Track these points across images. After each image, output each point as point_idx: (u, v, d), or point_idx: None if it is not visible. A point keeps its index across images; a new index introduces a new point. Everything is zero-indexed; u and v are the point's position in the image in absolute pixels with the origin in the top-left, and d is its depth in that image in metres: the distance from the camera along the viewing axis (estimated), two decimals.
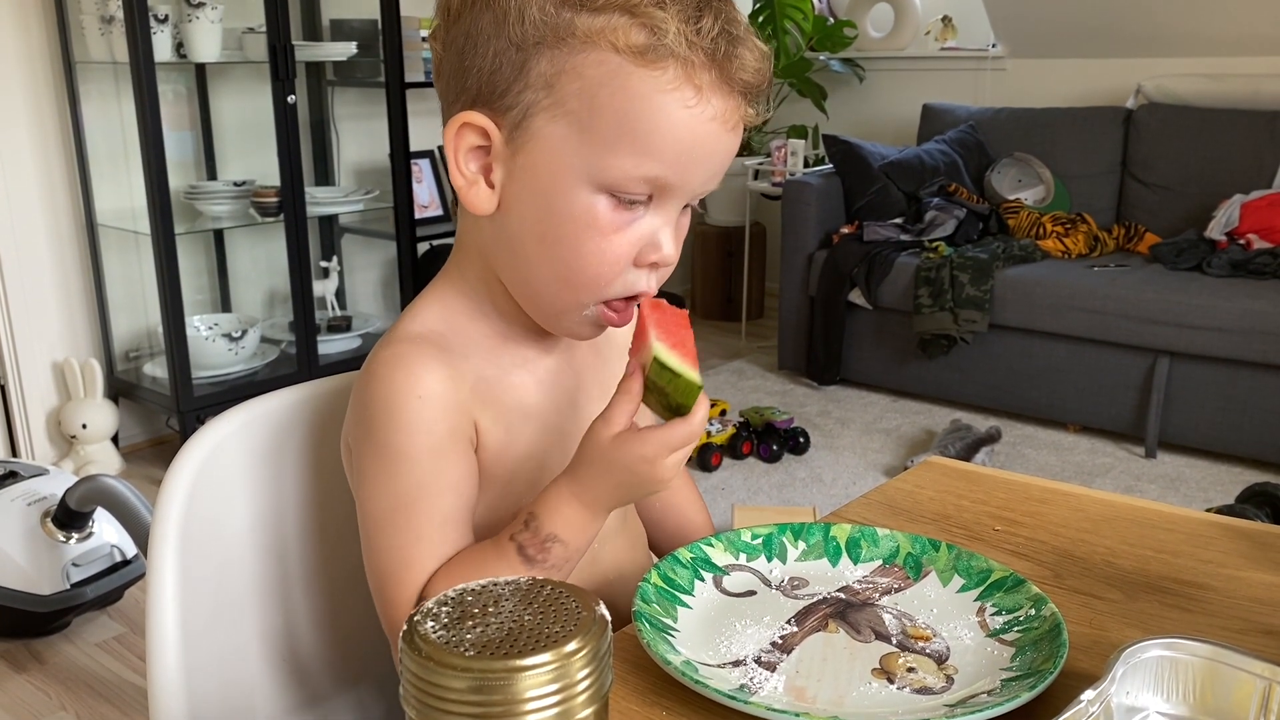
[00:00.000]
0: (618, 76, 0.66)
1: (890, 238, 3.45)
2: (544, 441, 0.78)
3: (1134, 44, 3.68)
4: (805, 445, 3.01)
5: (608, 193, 0.69)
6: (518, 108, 0.69)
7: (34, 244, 2.83)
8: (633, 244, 0.71)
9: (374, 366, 0.74)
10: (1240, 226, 3.17)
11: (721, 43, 0.67)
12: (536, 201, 0.71)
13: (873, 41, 4.30)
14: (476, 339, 0.77)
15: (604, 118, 0.67)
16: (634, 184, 0.69)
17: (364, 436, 0.74)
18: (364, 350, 3.22)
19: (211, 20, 2.78)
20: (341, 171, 3.44)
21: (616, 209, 0.69)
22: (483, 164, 0.72)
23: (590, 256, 0.70)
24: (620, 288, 0.72)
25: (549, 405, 0.79)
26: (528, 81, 0.68)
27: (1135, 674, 0.61)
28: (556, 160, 0.69)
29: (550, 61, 0.67)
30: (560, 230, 0.70)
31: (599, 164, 0.68)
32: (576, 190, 0.69)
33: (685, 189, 0.70)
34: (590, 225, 0.70)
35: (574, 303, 0.73)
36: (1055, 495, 0.94)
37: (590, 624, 0.43)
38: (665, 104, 0.66)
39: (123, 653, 2.07)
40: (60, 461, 2.86)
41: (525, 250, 0.73)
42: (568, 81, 0.67)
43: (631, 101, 0.66)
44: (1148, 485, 2.80)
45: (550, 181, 0.70)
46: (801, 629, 0.71)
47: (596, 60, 0.66)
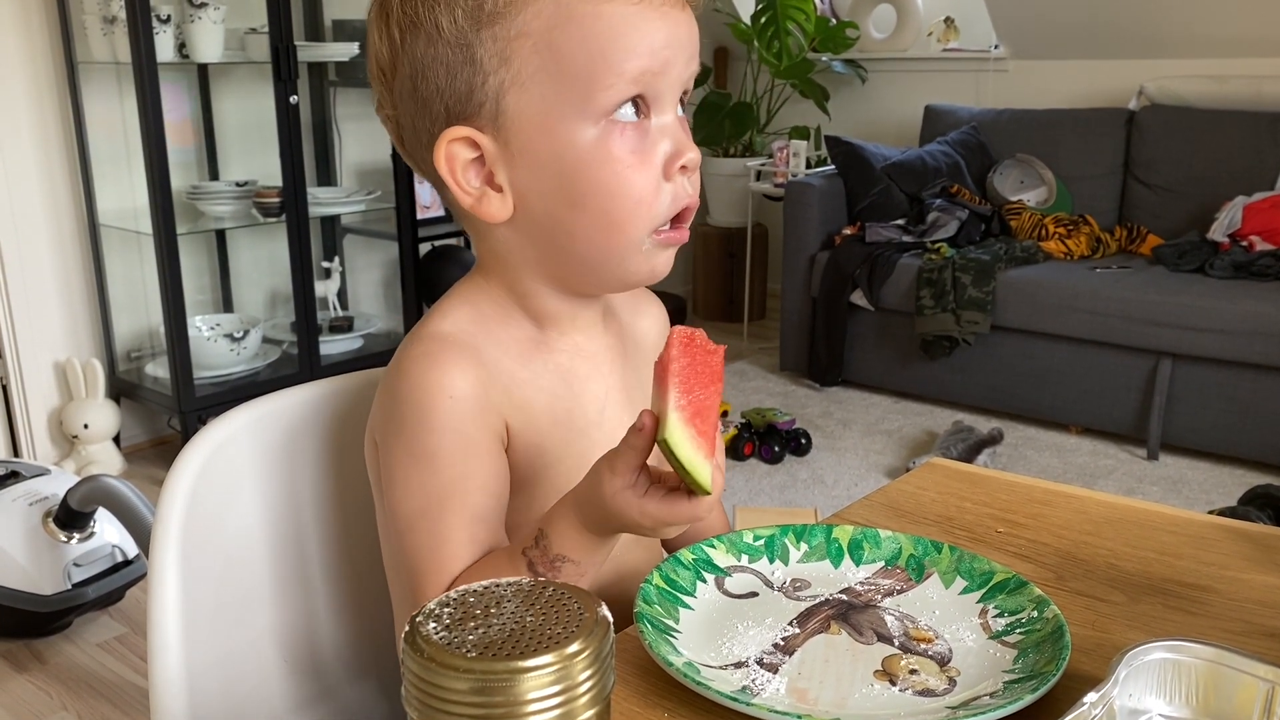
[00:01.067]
0: (559, 12, 0.68)
1: (892, 239, 3.45)
2: (574, 446, 0.78)
3: (1136, 45, 3.68)
4: (807, 446, 3.01)
5: (607, 119, 0.69)
6: (488, 100, 0.70)
7: (36, 244, 2.83)
8: (654, 160, 0.71)
9: (404, 363, 0.74)
10: (1243, 228, 3.16)
11: None
12: (549, 172, 0.71)
13: (875, 43, 4.30)
14: (506, 341, 0.77)
15: (567, 55, 0.68)
16: (623, 94, 0.69)
17: (393, 434, 0.73)
18: (366, 350, 3.23)
19: (214, 21, 2.79)
20: (343, 172, 3.44)
21: (622, 134, 0.70)
22: (481, 174, 0.72)
23: (623, 190, 0.71)
24: (664, 207, 0.72)
25: (577, 409, 0.79)
26: (483, 69, 0.69)
27: (1138, 676, 0.61)
28: (545, 119, 0.69)
29: (493, 38, 0.68)
30: (585, 183, 0.70)
31: (584, 97, 0.69)
32: (578, 133, 0.69)
33: (671, 80, 0.71)
34: (608, 160, 0.70)
35: (628, 243, 0.73)
36: (1058, 497, 0.94)
37: (592, 625, 0.43)
38: (614, 14, 0.68)
39: (124, 653, 2.07)
40: (62, 461, 2.86)
41: (562, 226, 0.72)
42: (518, 45, 0.68)
43: (587, 26, 0.68)
44: (1150, 487, 2.80)
45: (551, 142, 0.70)
46: (803, 631, 0.71)
47: (535, 11, 0.68)
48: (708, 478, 0.63)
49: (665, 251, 0.75)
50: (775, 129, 4.42)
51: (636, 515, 0.66)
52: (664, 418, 0.62)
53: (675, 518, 0.66)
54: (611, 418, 0.81)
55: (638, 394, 0.84)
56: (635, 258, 0.74)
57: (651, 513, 0.66)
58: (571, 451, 0.78)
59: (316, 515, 0.89)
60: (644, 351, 0.87)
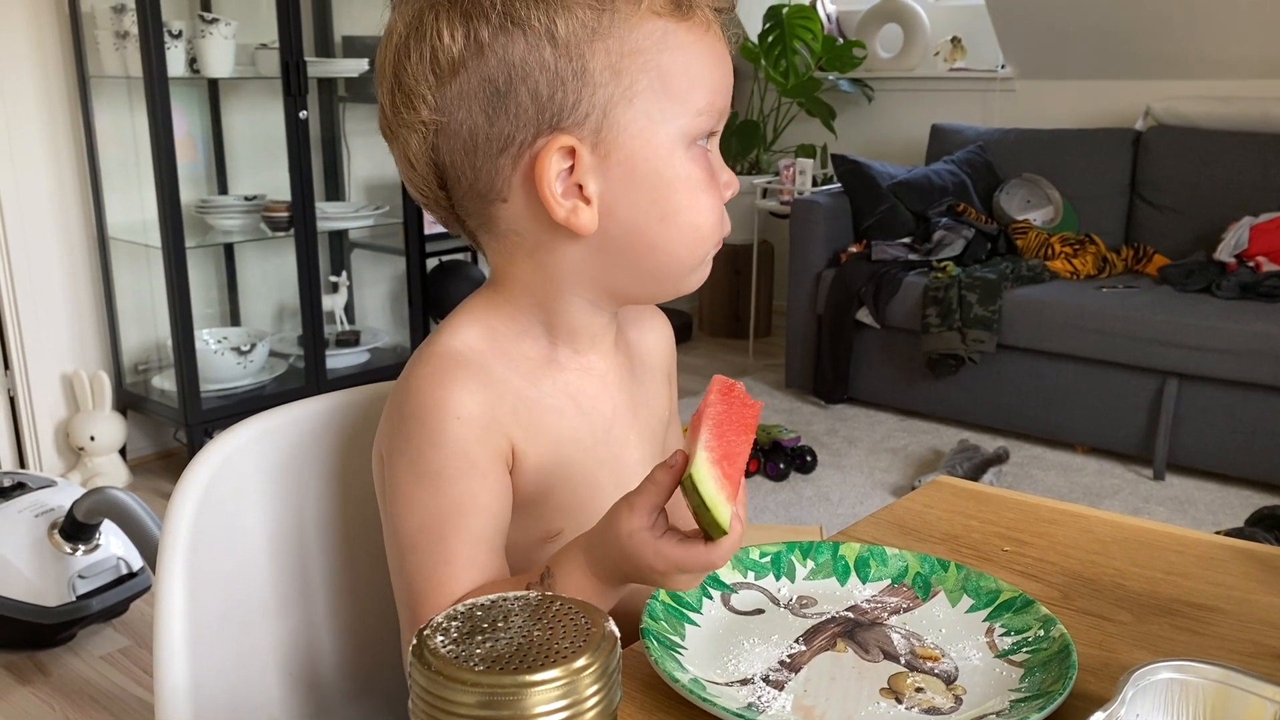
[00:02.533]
0: (669, 36, 0.71)
1: (898, 257, 3.45)
2: (580, 466, 0.78)
3: (1143, 66, 3.69)
4: (812, 464, 3.01)
5: (694, 143, 0.73)
6: (595, 110, 0.69)
7: (45, 256, 2.84)
8: (719, 181, 0.75)
9: (413, 380, 0.74)
10: (1250, 249, 3.16)
11: None
12: (645, 185, 0.72)
13: (882, 62, 4.31)
14: (517, 360, 0.77)
15: (674, 77, 0.71)
16: (716, 121, 0.74)
17: (399, 450, 0.73)
18: (373, 365, 3.23)
19: (225, 36, 2.81)
20: (352, 187, 3.46)
21: (704, 156, 0.74)
22: (567, 186, 0.71)
23: (708, 206, 0.74)
24: (724, 226, 0.77)
25: (585, 430, 0.79)
26: (594, 81, 0.69)
27: (1145, 696, 0.60)
28: (650, 136, 0.71)
29: (606, 52, 0.69)
30: (678, 198, 0.73)
31: (687, 119, 0.72)
32: (677, 153, 0.72)
33: (726, 110, 0.76)
34: (697, 179, 0.73)
35: (702, 255, 0.76)
36: (1064, 516, 0.94)
37: (599, 640, 0.43)
38: (705, 46, 0.73)
39: (128, 665, 2.07)
40: (68, 473, 2.86)
41: (648, 237, 0.73)
42: (631, 61, 0.70)
43: (688, 53, 0.71)
44: (1156, 507, 2.79)
45: (653, 159, 0.72)
46: (810, 648, 0.71)
47: (647, 31, 0.70)
48: (727, 517, 0.62)
49: (709, 265, 0.79)
50: (782, 147, 4.44)
51: (650, 557, 0.65)
52: (692, 456, 0.62)
53: (691, 562, 0.65)
54: (618, 437, 0.81)
55: (644, 412, 0.84)
56: (701, 269, 0.78)
57: (666, 554, 0.65)
58: (577, 470, 0.78)
59: (323, 529, 0.89)
60: (649, 368, 0.87)
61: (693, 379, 3.91)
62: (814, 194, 3.69)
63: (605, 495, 0.79)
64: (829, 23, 4.42)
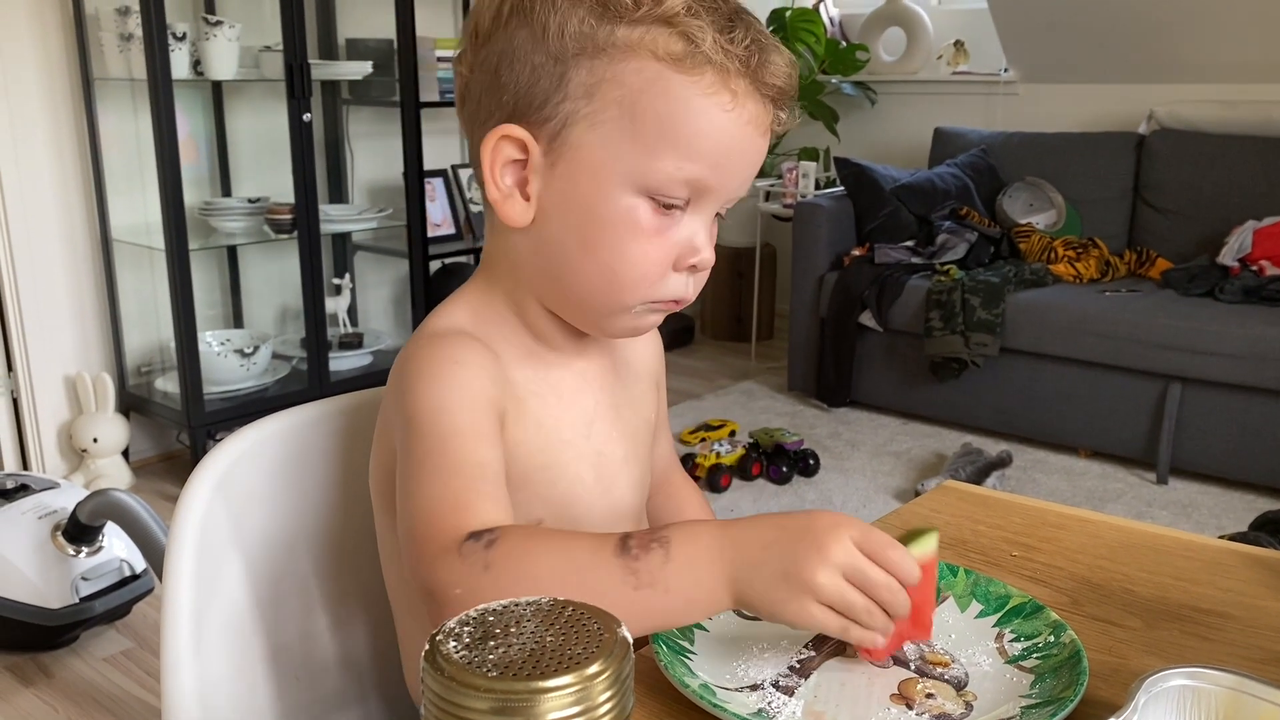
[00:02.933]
0: (658, 82, 0.68)
1: (901, 260, 3.45)
2: (560, 455, 0.78)
3: (1146, 69, 3.69)
4: (815, 467, 3.01)
5: (648, 196, 0.71)
6: (556, 118, 0.70)
7: (49, 258, 2.84)
8: (672, 247, 0.73)
9: (409, 355, 0.75)
10: (1253, 253, 3.16)
11: (755, 50, 0.70)
12: (577, 209, 0.72)
13: (885, 65, 4.31)
14: (501, 346, 0.78)
15: (646, 122, 0.69)
16: (675, 186, 0.70)
17: (402, 412, 0.72)
18: (376, 367, 3.23)
19: (229, 38, 2.81)
20: (355, 189, 3.46)
21: (656, 213, 0.71)
22: (518, 178, 0.73)
23: (633, 259, 0.72)
24: (662, 291, 0.74)
25: (566, 421, 0.79)
26: (567, 92, 0.70)
27: (1157, 703, 0.60)
28: (598, 166, 0.70)
29: (589, 71, 0.69)
30: (602, 235, 0.72)
31: (642, 167, 0.70)
32: (618, 194, 0.71)
33: (722, 192, 0.73)
34: (632, 228, 0.71)
35: (619, 305, 0.74)
36: (1072, 521, 0.94)
37: (612, 646, 0.42)
38: (705, 107, 0.69)
39: (130, 668, 2.07)
40: (71, 475, 2.86)
41: (567, 258, 0.73)
42: (608, 89, 0.69)
43: (673, 105, 0.68)
44: (1159, 511, 2.78)
45: (592, 188, 0.71)
46: (819, 653, 0.71)
47: (636, 68, 0.68)
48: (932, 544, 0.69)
49: (653, 315, 0.77)
50: (784, 150, 4.44)
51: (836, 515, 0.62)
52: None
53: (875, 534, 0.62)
54: (600, 433, 0.81)
55: (628, 412, 0.85)
56: (623, 316, 0.75)
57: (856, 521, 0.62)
58: (556, 461, 0.78)
59: (328, 532, 0.89)
60: (635, 371, 0.87)
61: (695, 382, 3.91)
62: (817, 197, 3.69)
63: (587, 489, 0.79)
64: (832, 26, 4.42)
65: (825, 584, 0.61)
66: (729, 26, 0.69)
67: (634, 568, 0.62)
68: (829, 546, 0.61)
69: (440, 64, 3.30)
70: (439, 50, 3.30)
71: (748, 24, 0.70)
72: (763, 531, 0.63)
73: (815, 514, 0.63)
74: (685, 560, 0.62)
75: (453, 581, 0.63)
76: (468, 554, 0.63)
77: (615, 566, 0.62)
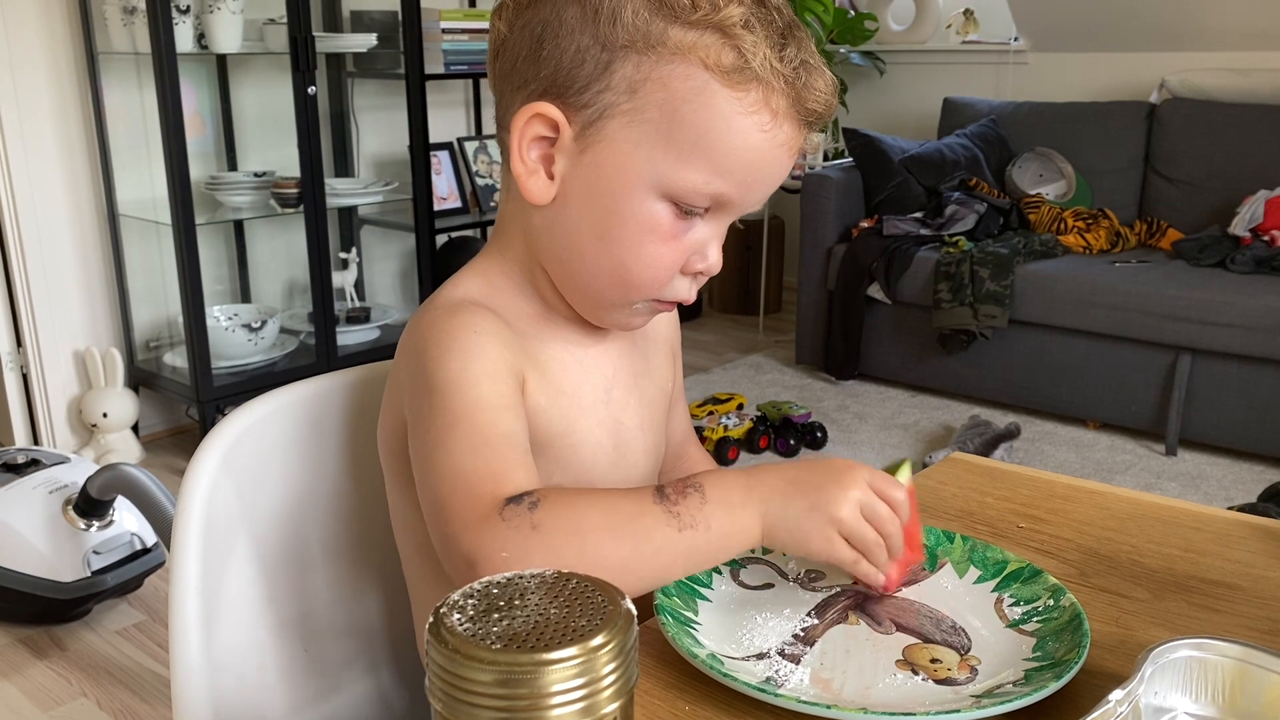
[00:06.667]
0: (703, 93, 0.67)
1: (910, 232, 3.44)
2: (580, 421, 0.78)
3: (1158, 38, 3.65)
4: (823, 440, 3.01)
5: (672, 201, 0.70)
6: (594, 107, 0.69)
7: (56, 234, 2.84)
8: (684, 252, 0.73)
9: (419, 327, 0.74)
10: (1264, 223, 3.13)
11: (802, 72, 0.69)
12: (599, 200, 0.71)
13: (893, 35, 4.27)
14: (516, 313, 0.77)
15: (684, 130, 0.68)
16: (700, 198, 0.70)
17: (418, 381, 0.71)
18: (383, 341, 3.24)
19: (233, 11, 2.79)
20: (361, 163, 3.45)
21: (676, 217, 0.71)
22: (544, 154, 0.72)
23: (647, 260, 0.72)
24: (666, 292, 0.75)
25: (584, 387, 0.79)
26: (610, 83, 0.69)
27: (1164, 674, 0.60)
28: (627, 163, 0.70)
29: (636, 67, 0.68)
30: (620, 231, 0.71)
31: (671, 174, 0.69)
32: (643, 195, 0.70)
33: (742, 206, 0.73)
34: (652, 230, 0.71)
35: (623, 300, 0.75)
36: (1079, 493, 0.93)
37: (616, 618, 0.42)
38: (745, 126, 0.68)
39: (143, 640, 2.09)
40: (81, 450, 2.88)
41: (580, 245, 0.73)
42: (652, 89, 0.68)
43: (714, 119, 0.68)
44: (1168, 483, 2.78)
45: (618, 182, 0.70)
46: (822, 621, 0.71)
47: (684, 74, 0.67)
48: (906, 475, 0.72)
49: (649, 315, 0.78)
50: None
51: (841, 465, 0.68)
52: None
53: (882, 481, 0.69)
54: (619, 399, 0.81)
55: (644, 380, 0.85)
56: (621, 310, 0.76)
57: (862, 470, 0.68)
58: (577, 426, 0.78)
59: (335, 505, 0.89)
60: (651, 341, 0.87)
61: (703, 355, 3.91)
62: (825, 169, 3.67)
63: (605, 455, 0.79)
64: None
65: (847, 517, 0.67)
66: (781, 44, 0.68)
67: (675, 511, 0.66)
68: (850, 485, 0.67)
69: (445, 36, 3.28)
70: (444, 22, 3.28)
71: (800, 42, 0.69)
72: (786, 471, 0.69)
73: (830, 460, 0.70)
74: (720, 500, 0.66)
75: (499, 546, 0.63)
76: (511, 517, 0.63)
77: (659, 513, 0.65)
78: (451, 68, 3.30)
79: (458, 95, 3.74)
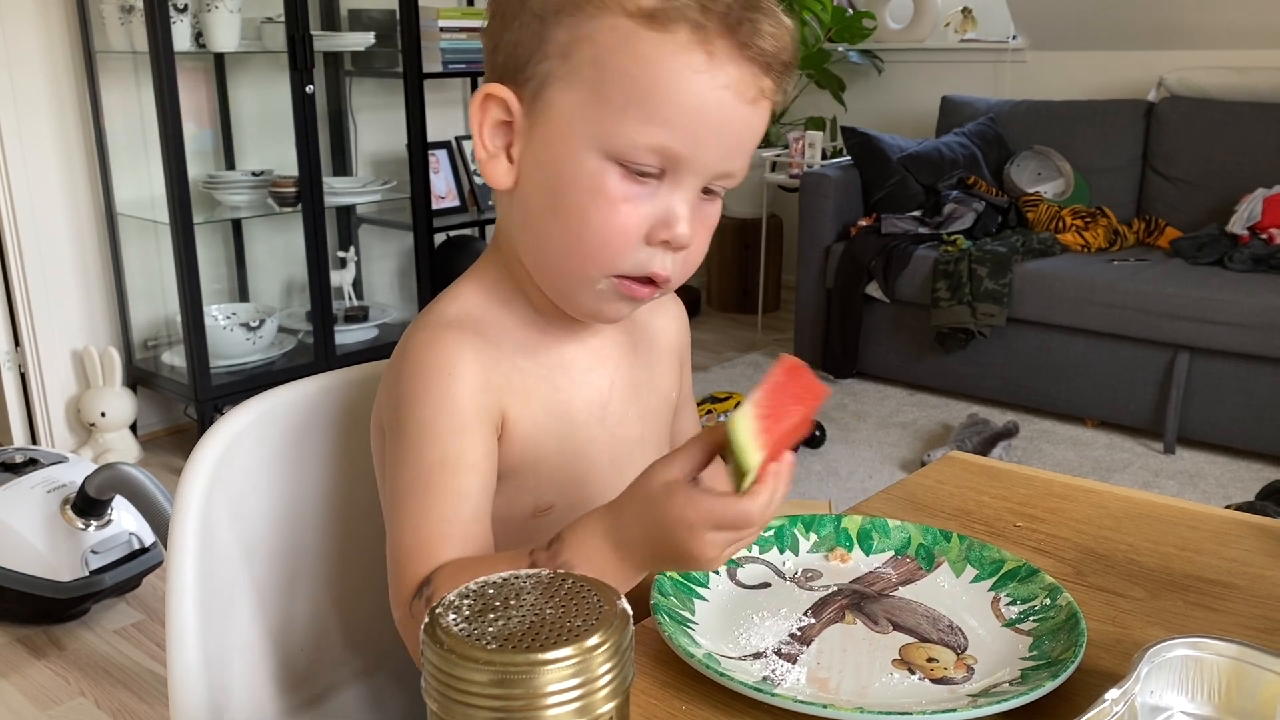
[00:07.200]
0: (628, 41, 0.65)
1: (908, 230, 3.43)
2: (572, 439, 0.78)
3: (1156, 36, 3.65)
4: (821, 438, 3.01)
5: (617, 161, 0.67)
6: (536, 79, 0.69)
7: (54, 233, 2.84)
8: (644, 218, 0.69)
9: (408, 347, 0.74)
10: (1262, 221, 3.14)
11: (737, 8, 0.65)
12: (548, 172, 0.70)
13: (891, 33, 4.27)
14: (511, 328, 0.77)
15: (613, 83, 0.66)
16: (641, 153, 0.67)
17: (394, 415, 0.73)
18: (381, 340, 3.23)
19: (230, 10, 2.79)
20: (359, 162, 3.45)
21: (626, 179, 0.68)
22: (506, 140, 0.72)
23: (596, 225, 0.69)
24: (632, 264, 0.70)
25: (579, 401, 0.78)
26: (546, 51, 0.68)
27: (1160, 673, 0.60)
28: (567, 128, 0.68)
29: (567, 30, 0.67)
30: (569, 199, 0.69)
31: (607, 130, 0.67)
32: (585, 158, 0.68)
33: (698, 163, 0.68)
34: (598, 193, 0.68)
35: (583, 275, 0.71)
36: (1077, 491, 0.93)
37: (612, 618, 0.42)
38: (673, 68, 0.65)
39: (141, 639, 2.09)
40: (79, 449, 2.88)
41: (539, 223, 0.72)
42: (582, 48, 0.67)
43: (640, 66, 0.65)
44: (1166, 481, 2.78)
45: (561, 149, 0.69)
46: (819, 621, 0.71)
47: (609, 25, 0.66)
48: (755, 462, 0.59)
49: (621, 300, 0.72)
50: (791, 120, 4.40)
51: (682, 505, 0.60)
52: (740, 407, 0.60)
53: (724, 512, 0.60)
54: (615, 413, 0.80)
55: (645, 391, 0.83)
56: (586, 291, 0.72)
57: (699, 503, 0.60)
58: (567, 445, 0.77)
59: (334, 503, 0.89)
60: (657, 349, 0.86)
61: (702, 354, 3.91)
62: (823, 167, 3.67)
63: (599, 472, 0.78)
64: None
65: (716, 556, 0.62)
66: None
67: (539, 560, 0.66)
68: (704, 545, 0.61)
69: (443, 34, 3.28)
70: (441, 20, 3.27)
71: None
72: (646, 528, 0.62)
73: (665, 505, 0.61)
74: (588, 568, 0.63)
75: (409, 636, 0.69)
76: (415, 611, 0.68)
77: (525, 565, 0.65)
78: (450, 66, 3.30)
79: (456, 94, 3.74)
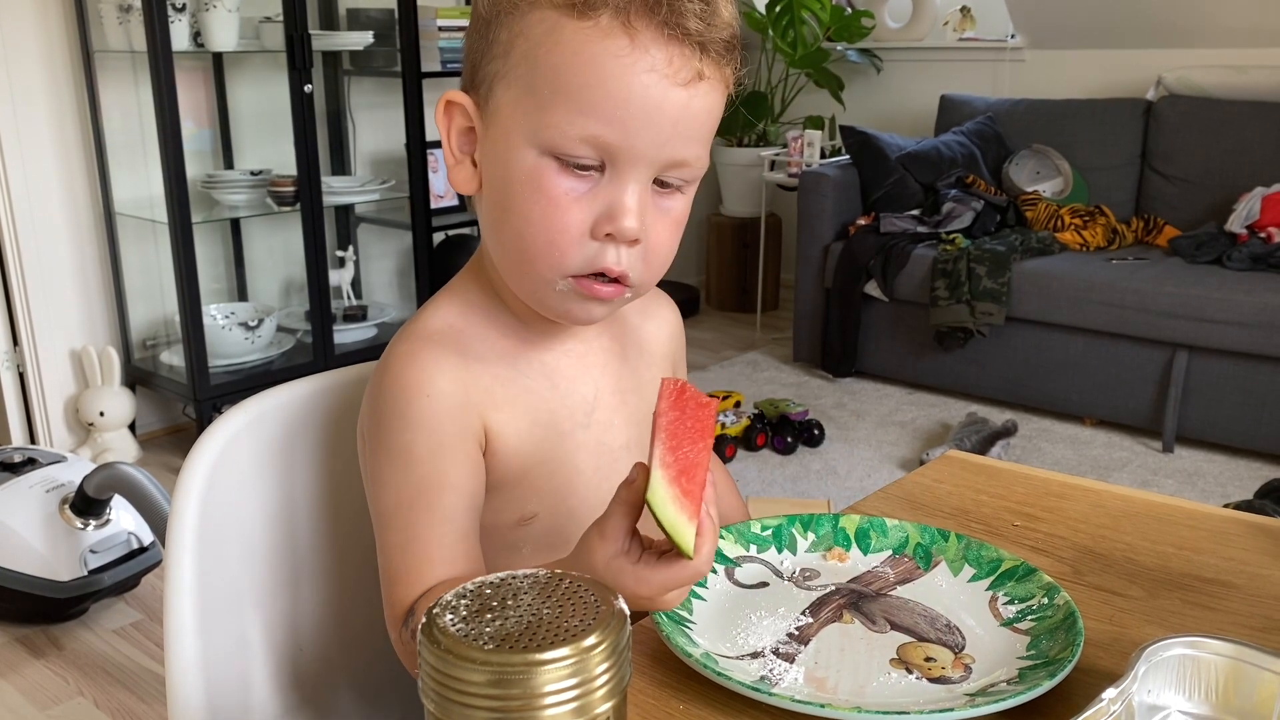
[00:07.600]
0: (554, 31, 0.65)
1: (907, 229, 3.43)
2: (556, 448, 0.77)
3: (1155, 35, 3.65)
4: (820, 437, 3.01)
5: (553, 155, 0.67)
6: (486, 81, 0.70)
7: (53, 232, 2.84)
8: (586, 213, 0.67)
9: (389, 361, 0.74)
10: (1261, 220, 3.14)
11: None
12: (498, 172, 0.70)
13: (890, 32, 4.27)
14: (493, 338, 0.76)
15: (542, 75, 0.66)
16: (574, 144, 0.66)
17: (375, 432, 0.74)
18: (380, 340, 3.23)
19: (229, 9, 2.79)
20: (358, 161, 3.45)
21: (564, 173, 0.67)
22: (472, 146, 0.73)
23: (537, 223, 0.68)
24: (581, 262, 0.68)
25: (563, 412, 0.78)
26: (492, 53, 0.69)
27: (1157, 672, 0.60)
28: (508, 125, 0.68)
29: (506, 28, 0.68)
30: (512, 198, 0.69)
31: (539, 124, 0.66)
32: (524, 154, 0.67)
33: (635, 152, 0.66)
34: (536, 189, 0.67)
35: (539, 276, 0.70)
36: (1075, 491, 0.94)
37: (609, 618, 0.42)
38: (596, 55, 0.64)
39: (140, 639, 2.09)
40: (78, 449, 2.88)
41: (499, 226, 0.72)
42: (518, 44, 0.67)
43: (565, 55, 0.65)
44: (1165, 480, 2.78)
45: (504, 147, 0.69)
46: (817, 620, 0.71)
47: (538, 19, 0.66)
48: (689, 541, 0.59)
49: (587, 301, 0.71)
50: (789, 119, 4.40)
51: (633, 584, 0.62)
52: (650, 477, 0.60)
53: (674, 580, 0.62)
54: (601, 420, 0.79)
55: (634, 398, 0.82)
56: (548, 293, 0.71)
57: (648, 578, 0.62)
58: (554, 454, 0.77)
59: (332, 502, 0.89)
60: (648, 354, 0.85)
61: (701, 354, 3.91)
62: (822, 166, 3.67)
63: (585, 480, 0.78)
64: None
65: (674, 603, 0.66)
66: None
67: None
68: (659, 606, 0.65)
69: (441, 34, 3.28)
70: (440, 20, 3.27)
71: None
72: None
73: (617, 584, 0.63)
74: None
75: (406, 659, 0.72)
76: (405, 637, 0.71)
77: None
78: (448, 65, 3.30)
79: None
